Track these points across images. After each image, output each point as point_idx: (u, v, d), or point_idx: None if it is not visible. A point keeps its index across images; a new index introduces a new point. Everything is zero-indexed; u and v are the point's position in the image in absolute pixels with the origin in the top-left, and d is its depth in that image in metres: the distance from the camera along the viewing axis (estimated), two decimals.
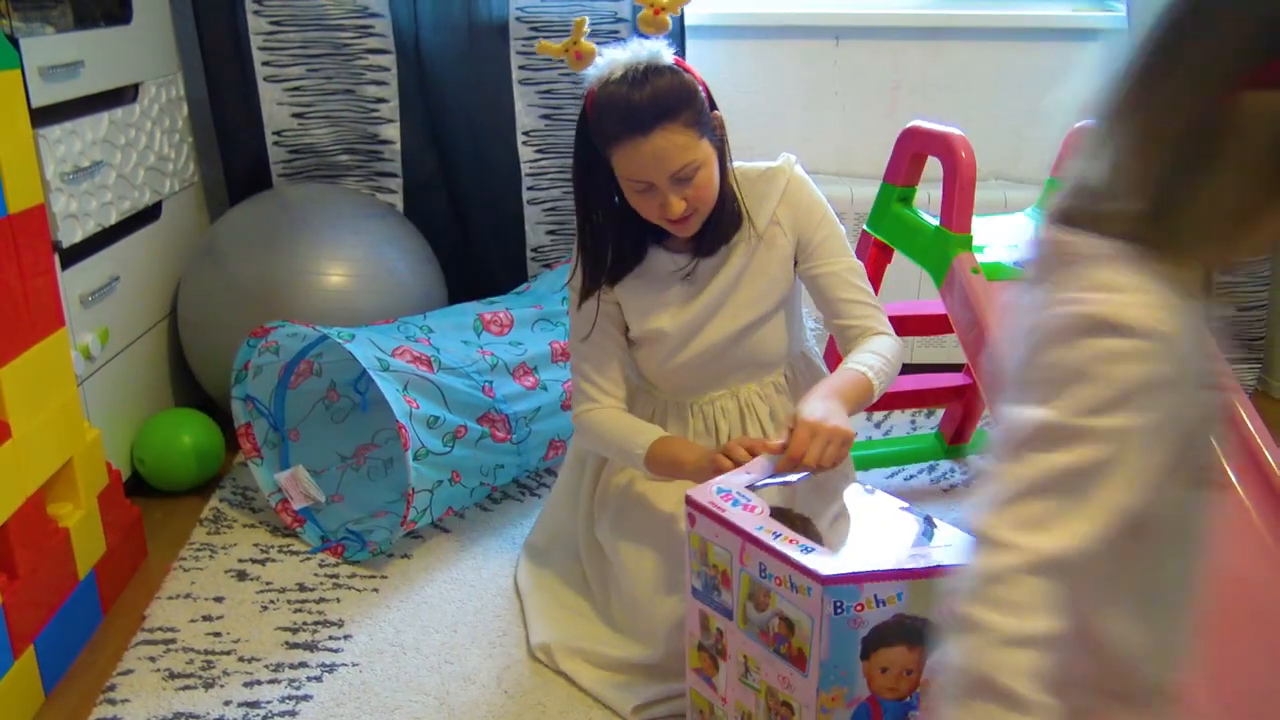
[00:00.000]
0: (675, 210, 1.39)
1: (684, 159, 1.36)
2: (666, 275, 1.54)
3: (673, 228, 1.44)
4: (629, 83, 1.35)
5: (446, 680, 1.60)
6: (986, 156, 1.83)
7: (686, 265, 1.52)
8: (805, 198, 1.52)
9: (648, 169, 1.36)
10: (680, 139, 1.35)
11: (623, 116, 1.34)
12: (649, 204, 1.41)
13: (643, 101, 1.33)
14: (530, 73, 2.49)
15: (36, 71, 1.77)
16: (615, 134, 1.36)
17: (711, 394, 1.61)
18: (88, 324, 1.95)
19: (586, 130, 1.41)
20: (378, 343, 1.91)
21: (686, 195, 1.39)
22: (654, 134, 1.34)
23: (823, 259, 1.52)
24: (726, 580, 1.25)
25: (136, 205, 2.16)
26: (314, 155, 2.55)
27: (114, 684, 1.59)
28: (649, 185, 1.38)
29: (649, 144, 1.34)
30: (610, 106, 1.36)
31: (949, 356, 2.64)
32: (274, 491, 2.02)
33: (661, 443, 1.48)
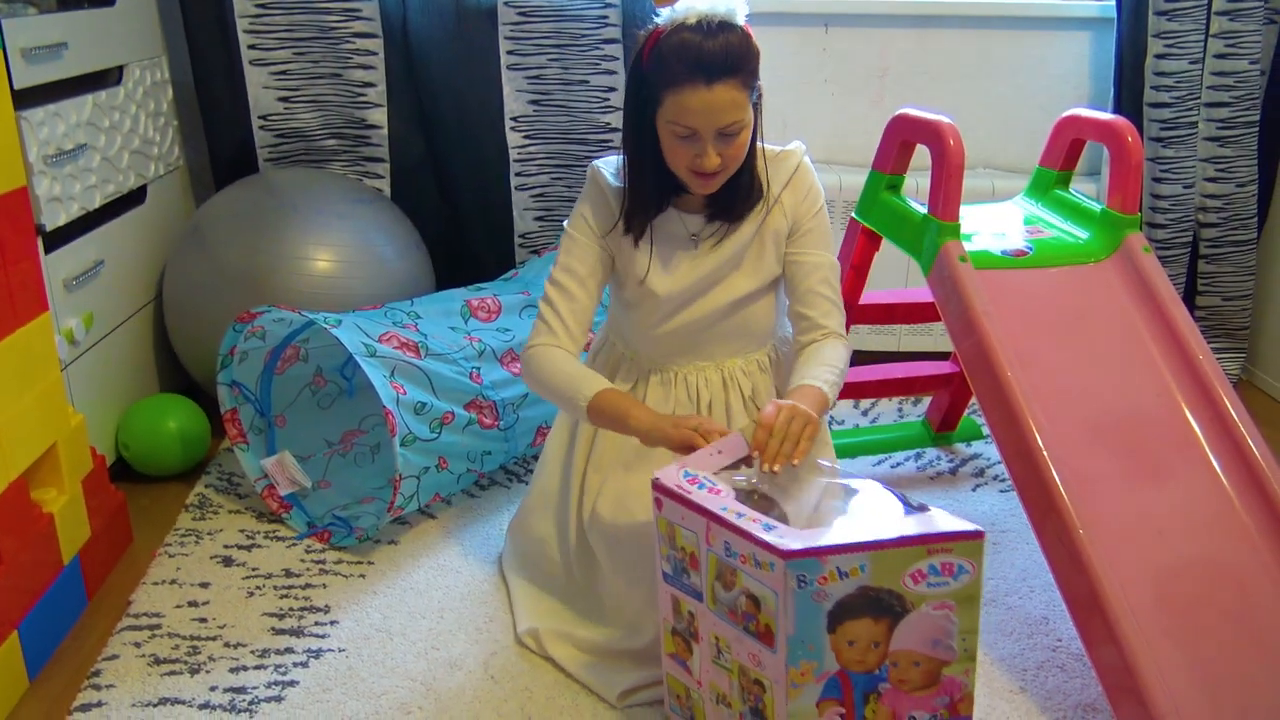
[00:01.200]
0: (710, 163, 1.42)
1: (734, 116, 1.40)
2: (674, 237, 1.57)
3: (697, 181, 1.47)
4: (703, 31, 1.37)
5: (433, 666, 1.60)
6: (974, 145, 1.84)
7: (697, 229, 1.56)
8: (809, 186, 1.57)
9: (700, 117, 1.39)
10: (737, 96, 1.39)
11: (692, 62, 1.37)
12: (684, 152, 1.43)
13: (714, 51, 1.36)
14: (519, 58, 2.48)
15: (19, 53, 1.75)
16: (679, 78, 1.38)
17: (697, 364, 1.63)
18: (72, 308, 1.94)
19: (642, 71, 1.43)
20: (364, 328, 1.90)
21: (723, 152, 1.42)
22: (716, 85, 1.37)
23: (806, 248, 1.57)
24: (695, 562, 1.26)
25: (121, 189, 2.15)
26: (300, 139, 2.53)
27: (99, 669, 1.59)
28: (693, 134, 1.41)
29: (711, 94, 1.37)
30: (681, 50, 1.38)
31: (936, 344, 2.65)
32: (260, 477, 2.01)
33: (609, 394, 1.49)
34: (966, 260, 1.72)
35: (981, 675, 1.59)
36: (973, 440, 2.35)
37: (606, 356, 1.72)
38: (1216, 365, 1.65)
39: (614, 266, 1.60)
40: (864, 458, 2.28)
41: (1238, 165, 2.53)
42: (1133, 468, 1.57)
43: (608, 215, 1.56)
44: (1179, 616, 1.43)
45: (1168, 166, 2.52)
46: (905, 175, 1.96)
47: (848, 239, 2.05)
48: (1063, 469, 1.51)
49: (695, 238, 1.56)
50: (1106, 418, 1.62)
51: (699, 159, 1.43)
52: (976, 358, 1.65)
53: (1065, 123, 1.96)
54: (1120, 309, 1.74)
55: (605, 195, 1.57)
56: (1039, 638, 1.69)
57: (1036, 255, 1.80)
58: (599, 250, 1.57)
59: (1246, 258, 2.61)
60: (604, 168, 1.59)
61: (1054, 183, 1.99)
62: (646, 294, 1.58)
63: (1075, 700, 1.54)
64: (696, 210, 1.56)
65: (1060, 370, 1.65)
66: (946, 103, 1.93)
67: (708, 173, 1.44)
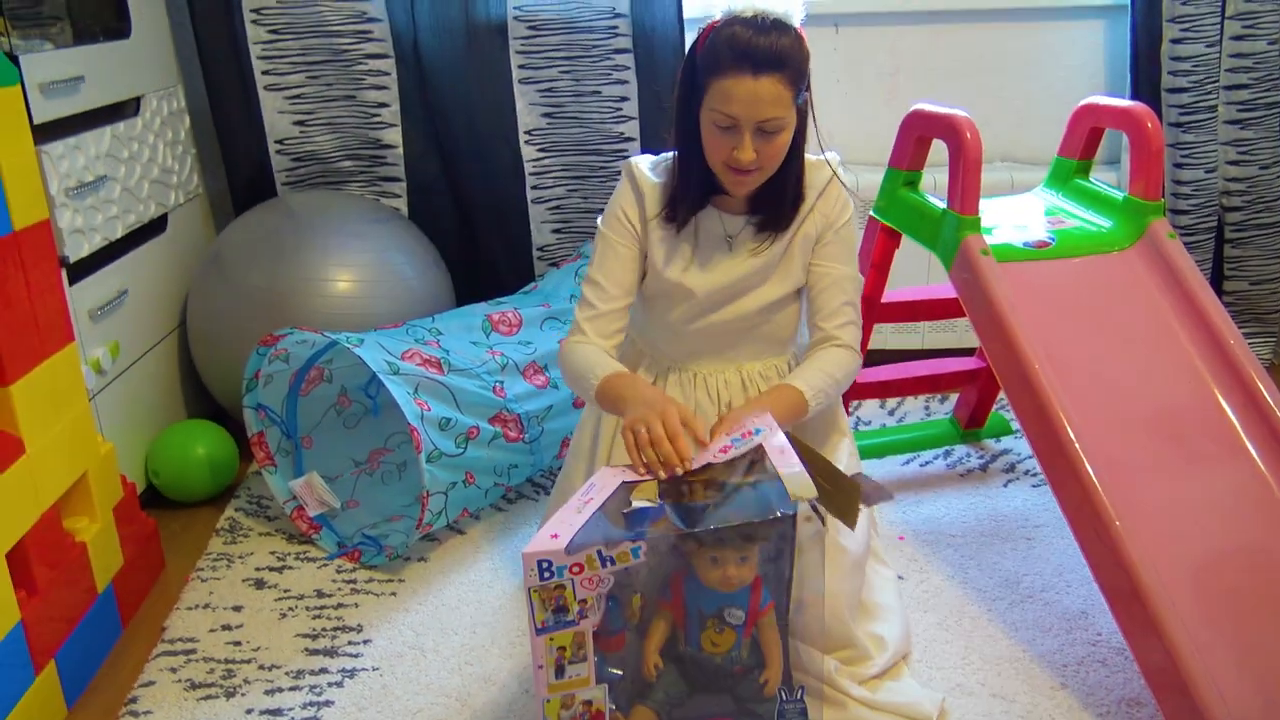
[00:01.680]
0: (745, 157, 1.43)
1: (775, 111, 1.41)
2: (711, 235, 1.57)
3: (732, 177, 1.47)
4: (755, 26, 1.39)
5: (467, 681, 1.59)
6: (991, 139, 1.83)
7: (735, 231, 1.56)
8: (841, 198, 1.57)
9: (741, 106, 1.40)
10: (782, 91, 1.40)
11: (741, 51, 1.38)
12: (723, 143, 1.44)
13: (763, 44, 1.38)
14: (530, 72, 2.49)
15: (37, 88, 1.77)
16: (725, 65, 1.40)
17: (717, 365, 1.63)
18: (98, 338, 1.95)
19: (694, 60, 1.45)
20: (387, 347, 1.90)
21: (759, 148, 1.43)
22: (762, 77, 1.38)
23: (829, 260, 1.58)
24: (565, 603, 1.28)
25: (142, 218, 2.16)
26: (317, 162, 2.55)
27: (136, 696, 1.59)
28: (733, 124, 1.42)
29: (755, 84, 1.39)
30: (732, 39, 1.39)
31: (960, 341, 2.62)
32: (289, 499, 2.02)
33: (617, 377, 1.49)
34: (989, 254, 1.71)
35: (1021, 673, 1.57)
36: (1002, 436, 2.33)
37: (625, 353, 1.71)
38: (1248, 350, 1.63)
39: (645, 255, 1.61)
40: (892, 457, 2.26)
41: (1260, 147, 2.50)
42: (1167, 457, 1.54)
43: (642, 208, 1.57)
44: (1220, 605, 1.41)
45: (1188, 151, 2.49)
46: (923, 171, 1.95)
47: (867, 237, 2.04)
48: (1096, 460, 1.49)
49: (730, 239, 1.57)
50: (1138, 407, 1.60)
51: (736, 152, 1.43)
52: (1003, 352, 1.63)
53: (1083, 111, 1.94)
54: (1147, 296, 1.72)
55: (641, 188, 1.57)
56: (1078, 633, 1.66)
57: (1059, 246, 1.78)
58: (634, 246, 1.58)
59: (1273, 240, 2.57)
60: (640, 162, 1.59)
61: (1074, 172, 1.98)
62: (680, 289, 1.58)
63: (1118, 695, 1.52)
64: (737, 211, 1.56)
65: (1089, 361, 1.63)
66: (960, 98, 1.92)
67: (743, 168, 1.45)
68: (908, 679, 1.54)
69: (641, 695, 1.33)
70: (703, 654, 1.33)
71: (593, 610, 1.25)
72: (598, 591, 1.25)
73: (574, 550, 1.21)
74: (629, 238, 1.57)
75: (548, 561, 1.22)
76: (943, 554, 1.89)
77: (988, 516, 2.02)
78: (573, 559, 1.22)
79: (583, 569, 1.23)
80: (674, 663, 1.34)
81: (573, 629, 1.25)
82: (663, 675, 1.33)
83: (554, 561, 1.22)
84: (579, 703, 1.29)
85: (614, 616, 1.30)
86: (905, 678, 1.54)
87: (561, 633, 1.26)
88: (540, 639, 1.24)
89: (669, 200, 1.55)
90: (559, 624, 1.25)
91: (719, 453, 1.35)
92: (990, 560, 1.87)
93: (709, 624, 1.33)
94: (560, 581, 1.23)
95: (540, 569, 1.22)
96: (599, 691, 1.28)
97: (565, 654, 1.27)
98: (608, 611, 1.27)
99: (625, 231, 1.57)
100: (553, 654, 1.26)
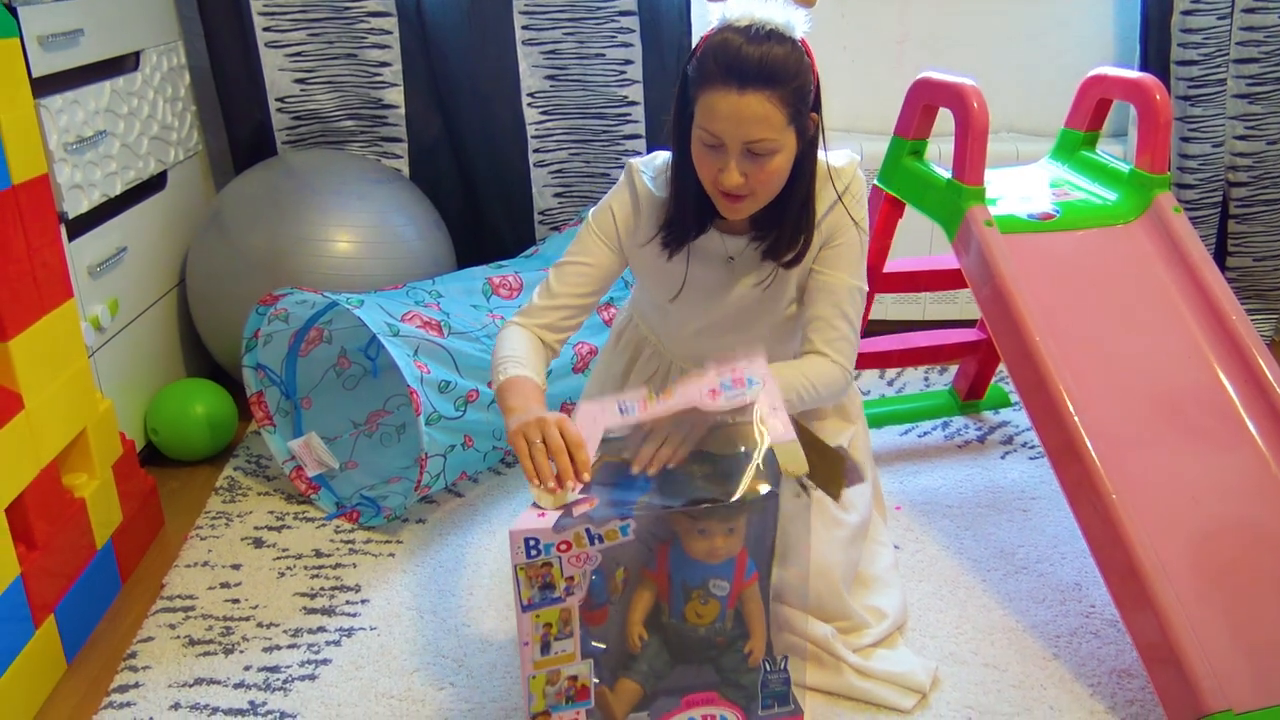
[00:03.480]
0: (730, 180, 1.32)
1: (763, 133, 1.30)
2: (710, 256, 1.48)
3: (722, 201, 1.38)
4: (748, 35, 1.29)
5: (464, 643, 1.61)
6: (997, 109, 1.81)
7: (736, 252, 1.47)
8: (855, 206, 1.46)
9: (726, 124, 1.30)
10: (770, 110, 1.29)
11: (728, 62, 1.28)
12: (710, 163, 1.34)
13: (753, 55, 1.27)
14: (534, 33, 2.46)
15: (36, 40, 1.75)
16: (712, 77, 1.30)
17: None
18: (97, 295, 1.94)
19: (687, 72, 1.36)
20: (387, 308, 1.90)
21: (748, 171, 1.33)
22: (748, 92, 1.28)
23: (828, 265, 1.47)
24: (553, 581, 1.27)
25: (141, 175, 2.15)
26: (318, 121, 2.53)
27: (134, 651, 1.60)
28: (719, 143, 1.32)
29: (740, 100, 1.28)
30: (721, 49, 1.29)
31: (961, 312, 2.62)
32: (288, 459, 2.02)
33: (521, 382, 1.37)
34: (992, 225, 1.70)
35: (1014, 643, 1.58)
36: (1001, 408, 2.33)
37: (631, 336, 1.69)
38: (1250, 326, 1.63)
39: (625, 266, 1.53)
40: (891, 427, 2.27)
41: (1268, 123, 2.49)
42: (1166, 431, 1.55)
43: (636, 224, 1.48)
44: (1215, 580, 1.41)
45: (1196, 125, 2.48)
46: (928, 140, 1.94)
47: (870, 206, 2.02)
48: (1094, 433, 1.49)
49: (732, 260, 1.48)
50: (1138, 381, 1.60)
51: (721, 174, 1.33)
52: (1004, 323, 1.63)
53: (1091, 82, 1.92)
54: (1151, 271, 1.71)
55: (639, 202, 1.47)
56: (1071, 604, 1.67)
57: (1064, 218, 1.77)
58: (610, 254, 1.49)
59: (1278, 217, 2.56)
60: (643, 169, 1.49)
61: (1080, 144, 1.96)
62: (676, 312, 1.53)
63: (1110, 666, 1.53)
64: (739, 232, 1.46)
65: (1090, 334, 1.63)
66: (968, 67, 1.90)
67: (731, 192, 1.35)
68: (902, 648, 1.55)
69: (625, 667, 1.33)
70: (686, 625, 1.33)
71: (579, 587, 1.24)
72: (585, 569, 1.24)
73: (561, 528, 1.20)
74: (610, 245, 1.48)
75: (535, 539, 1.21)
76: (939, 524, 1.90)
77: (984, 488, 2.03)
78: (560, 536, 1.20)
79: (570, 547, 1.21)
80: (657, 634, 1.34)
81: (559, 606, 1.25)
82: (647, 647, 1.34)
83: (541, 539, 1.21)
84: (564, 678, 1.28)
85: (598, 590, 1.29)
86: (900, 647, 1.55)
87: (548, 609, 1.25)
88: (526, 616, 1.24)
89: (665, 225, 1.45)
90: (545, 601, 1.24)
91: (707, 394, 1.30)
92: (986, 531, 1.88)
93: (694, 595, 1.32)
94: (547, 559, 1.22)
95: (527, 546, 1.21)
96: (584, 667, 1.28)
97: (552, 630, 1.26)
98: (591, 585, 1.27)
99: (609, 237, 1.48)
100: (539, 631, 1.25)
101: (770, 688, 1.33)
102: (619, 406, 1.29)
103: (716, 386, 1.31)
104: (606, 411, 1.30)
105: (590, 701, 1.29)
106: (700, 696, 1.32)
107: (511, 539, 1.20)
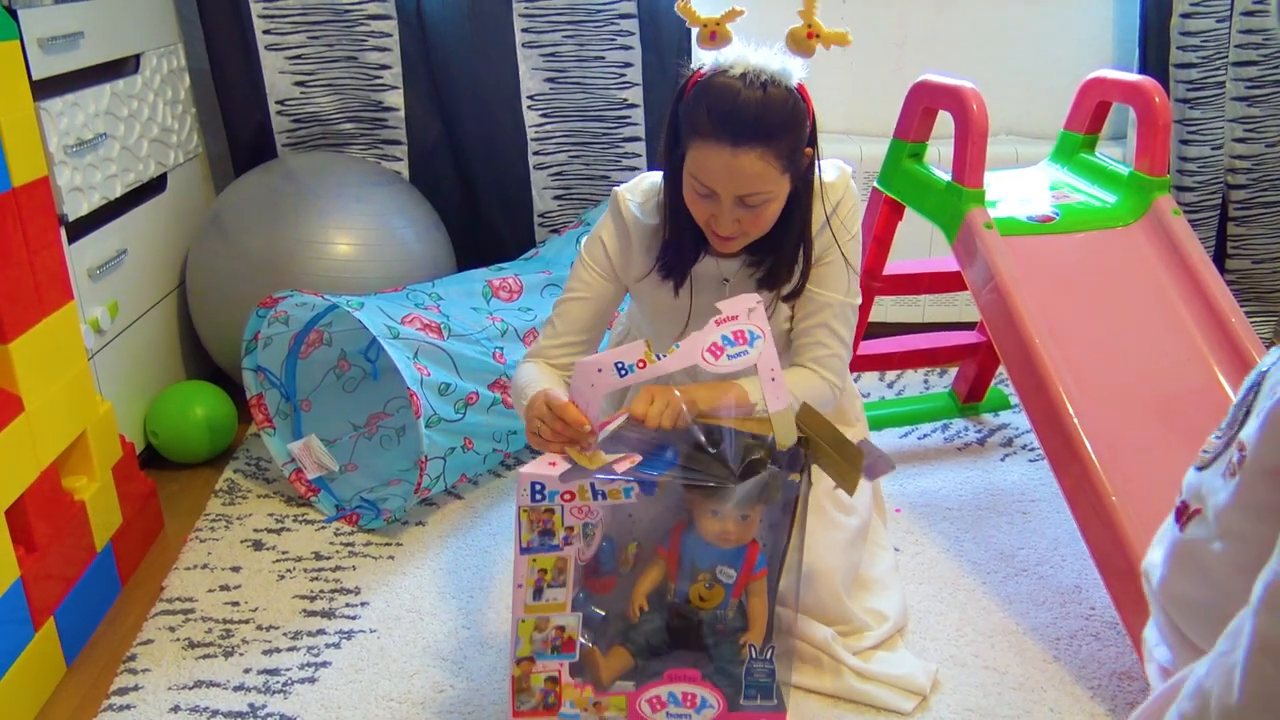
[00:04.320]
0: (723, 228, 1.34)
1: (757, 187, 1.29)
2: (706, 278, 1.47)
3: (715, 239, 1.39)
4: (745, 83, 1.26)
5: (464, 645, 1.60)
6: (997, 112, 1.82)
7: (731, 273, 1.47)
8: (845, 220, 1.45)
9: (719, 180, 1.29)
10: (764, 168, 1.28)
11: (721, 117, 1.26)
12: (702, 209, 1.35)
13: (747, 110, 1.25)
14: (534, 35, 2.47)
15: (36, 43, 1.75)
16: (703, 129, 1.28)
17: None
18: (97, 297, 1.94)
19: (679, 111, 1.32)
20: (387, 311, 1.90)
21: (741, 218, 1.33)
22: (742, 151, 1.26)
23: (821, 285, 1.46)
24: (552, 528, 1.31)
25: (141, 177, 2.15)
26: (318, 124, 2.53)
27: (134, 654, 1.60)
28: (712, 193, 1.31)
29: (734, 158, 1.27)
30: (715, 100, 1.26)
31: (960, 315, 2.62)
32: (288, 461, 2.02)
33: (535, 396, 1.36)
34: (992, 227, 1.70)
35: (1015, 645, 1.58)
36: (1000, 410, 2.33)
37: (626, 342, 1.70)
38: (1250, 329, 1.63)
39: (625, 293, 1.52)
40: (890, 429, 2.27)
41: (1267, 125, 2.49)
42: (1166, 433, 1.55)
43: (628, 256, 1.47)
44: None
45: (1195, 128, 2.48)
46: (928, 143, 1.94)
47: (870, 209, 2.03)
48: (1094, 436, 1.49)
49: (727, 283, 1.47)
50: (1138, 384, 1.60)
51: (714, 219, 1.34)
52: (1004, 326, 1.63)
53: (1090, 85, 1.93)
54: (1150, 273, 1.72)
55: (627, 232, 1.46)
56: (1072, 606, 1.67)
57: (1063, 220, 1.77)
58: (606, 284, 1.48)
59: (1277, 219, 2.57)
60: (629, 197, 1.47)
61: (1080, 146, 1.97)
62: (672, 331, 1.51)
63: (1111, 668, 1.53)
64: (733, 255, 1.45)
65: (1090, 337, 1.63)
66: (967, 69, 1.90)
67: (725, 235, 1.35)
68: (902, 650, 1.55)
69: (623, 637, 1.35)
70: (689, 607, 1.35)
71: (578, 539, 1.28)
72: (585, 521, 1.27)
73: (568, 478, 1.23)
74: (605, 274, 1.48)
75: (541, 484, 1.25)
76: (938, 527, 1.90)
77: (984, 490, 2.03)
78: (565, 486, 1.24)
79: (574, 497, 1.25)
80: (660, 613, 1.36)
81: (556, 554, 1.28)
82: (646, 621, 1.35)
83: (547, 485, 1.24)
84: (552, 627, 1.32)
85: (607, 558, 1.32)
86: (900, 649, 1.55)
87: (544, 555, 1.29)
88: (524, 559, 1.28)
89: (660, 255, 1.43)
90: (543, 547, 1.28)
91: (708, 352, 1.25)
92: (986, 534, 1.88)
93: (700, 578, 1.34)
94: (550, 506, 1.26)
95: (533, 490, 1.25)
96: (573, 619, 1.31)
97: (546, 577, 1.30)
98: (601, 552, 1.29)
99: (602, 267, 1.47)
100: (533, 575, 1.29)
101: (754, 677, 1.33)
102: (617, 366, 1.27)
103: (719, 341, 1.27)
104: (605, 372, 1.27)
105: (575, 655, 1.32)
106: (684, 673, 1.34)
107: (519, 481, 1.24)
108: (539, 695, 1.35)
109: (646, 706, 1.34)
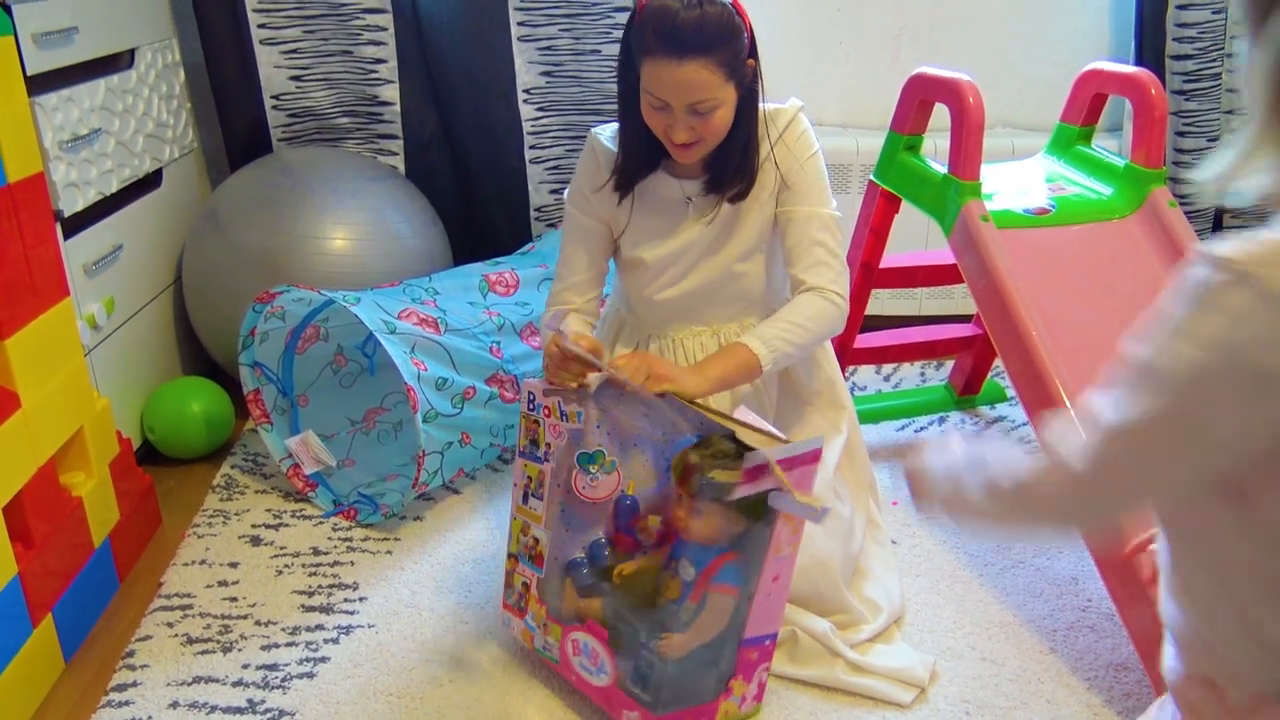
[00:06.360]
0: (679, 136, 1.43)
1: (705, 95, 1.40)
2: (667, 201, 1.57)
3: (674, 151, 1.48)
4: (683, 4, 1.36)
5: (462, 639, 1.61)
6: (993, 103, 1.82)
7: (693, 193, 1.55)
8: (799, 140, 1.54)
9: (669, 91, 1.40)
10: (709, 76, 1.39)
11: (666, 35, 1.37)
12: (659, 121, 1.45)
13: (687, 26, 1.36)
14: (530, 29, 2.46)
15: (30, 38, 1.75)
16: (652, 48, 1.39)
17: (693, 329, 1.63)
18: (93, 293, 1.94)
19: (629, 37, 1.44)
20: (384, 306, 1.90)
21: (695, 126, 1.43)
22: (686, 62, 1.37)
23: (794, 201, 1.54)
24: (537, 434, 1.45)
25: (137, 173, 2.15)
26: (313, 118, 2.53)
27: (133, 650, 1.60)
28: (665, 105, 1.42)
29: (680, 70, 1.38)
30: (657, 20, 1.37)
31: (958, 307, 2.62)
32: (285, 457, 2.02)
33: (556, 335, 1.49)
34: (988, 220, 1.70)
35: (1011, 637, 1.58)
36: (997, 403, 2.34)
37: (612, 321, 1.73)
38: None
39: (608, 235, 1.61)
40: (887, 423, 2.27)
41: None
42: None
43: (598, 179, 1.57)
44: None
45: (1191, 119, 2.48)
46: (924, 135, 1.94)
47: (866, 201, 2.03)
48: None
49: (689, 202, 1.56)
50: None
51: (671, 129, 1.44)
52: (1000, 319, 1.63)
53: (1086, 77, 1.92)
54: (1146, 265, 1.72)
55: (598, 160, 1.57)
56: (1068, 598, 1.68)
57: (1059, 213, 1.77)
58: (595, 219, 1.59)
59: None
60: (601, 133, 1.59)
61: (1076, 139, 1.96)
62: (636, 259, 1.59)
63: (1106, 660, 1.53)
64: (694, 176, 1.55)
65: (1086, 329, 1.63)
66: (964, 61, 1.90)
67: (679, 144, 1.45)
68: (900, 643, 1.56)
69: (599, 590, 1.39)
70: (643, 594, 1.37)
71: (554, 457, 1.41)
72: (559, 441, 1.40)
73: (547, 392, 1.39)
74: (590, 212, 1.58)
75: (532, 394, 1.42)
76: (935, 519, 1.90)
77: None
78: (545, 400, 1.40)
79: (550, 414, 1.40)
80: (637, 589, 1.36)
81: (539, 465, 1.43)
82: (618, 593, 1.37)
83: (535, 396, 1.41)
84: (530, 536, 1.46)
85: (625, 512, 1.38)
86: (897, 641, 1.56)
87: (531, 465, 1.44)
88: (519, 461, 1.46)
89: (615, 170, 1.55)
90: (531, 456, 1.44)
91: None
92: None
93: (669, 565, 1.34)
94: (536, 417, 1.42)
95: (529, 399, 1.43)
96: (545, 535, 1.42)
97: (531, 485, 1.45)
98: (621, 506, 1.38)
99: (586, 206, 1.58)
100: (523, 479, 1.46)
101: (640, 658, 1.33)
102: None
103: None
104: None
105: (543, 570, 1.42)
106: (597, 631, 1.38)
107: (523, 386, 1.43)
108: (516, 595, 1.49)
109: (570, 646, 1.42)
